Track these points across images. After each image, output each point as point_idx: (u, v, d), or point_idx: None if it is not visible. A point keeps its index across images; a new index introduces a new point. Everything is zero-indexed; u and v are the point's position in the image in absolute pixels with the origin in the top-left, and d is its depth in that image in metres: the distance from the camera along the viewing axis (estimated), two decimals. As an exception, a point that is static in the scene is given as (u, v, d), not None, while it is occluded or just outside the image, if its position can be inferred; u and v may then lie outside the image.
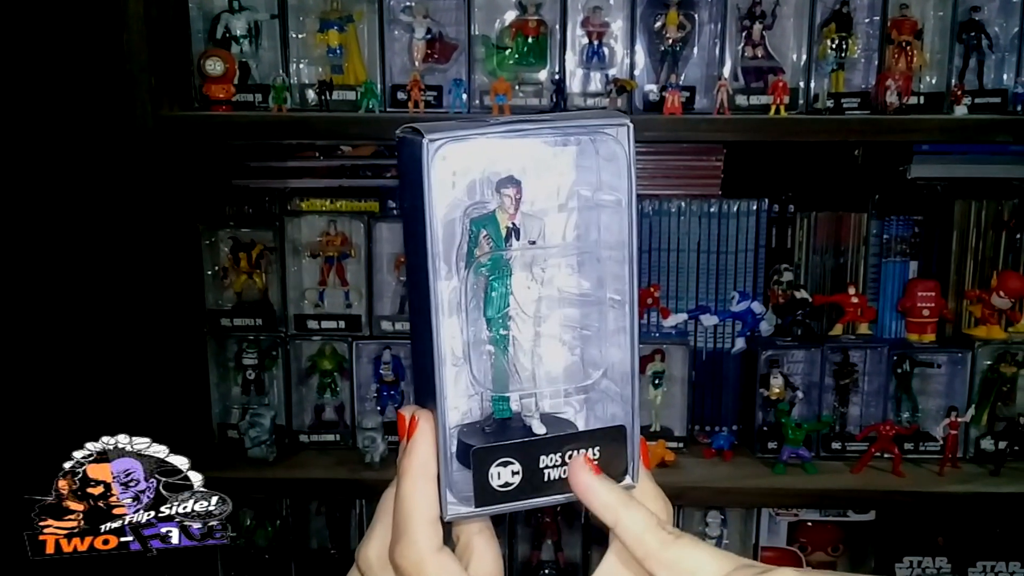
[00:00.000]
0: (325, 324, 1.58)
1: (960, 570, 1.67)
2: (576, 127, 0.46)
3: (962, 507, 1.56)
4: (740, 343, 1.59)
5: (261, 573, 1.69)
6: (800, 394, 1.56)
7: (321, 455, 1.58)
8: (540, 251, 0.48)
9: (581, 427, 0.50)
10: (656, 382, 1.55)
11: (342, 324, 1.57)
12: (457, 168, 0.45)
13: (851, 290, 1.56)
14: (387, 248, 1.58)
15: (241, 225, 1.59)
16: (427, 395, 0.46)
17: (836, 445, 1.55)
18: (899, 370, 1.56)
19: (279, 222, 1.56)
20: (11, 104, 1.55)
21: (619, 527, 0.45)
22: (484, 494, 0.46)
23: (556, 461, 0.46)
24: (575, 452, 0.46)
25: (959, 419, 1.51)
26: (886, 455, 1.51)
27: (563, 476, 0.46)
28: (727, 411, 1.61)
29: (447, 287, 0.46)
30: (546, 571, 1.68)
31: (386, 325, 1.57)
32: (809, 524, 1.67)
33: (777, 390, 1.53)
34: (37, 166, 1.60)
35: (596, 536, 1.64)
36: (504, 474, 0.46)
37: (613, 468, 0.47)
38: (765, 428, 1.55)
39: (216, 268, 1.59)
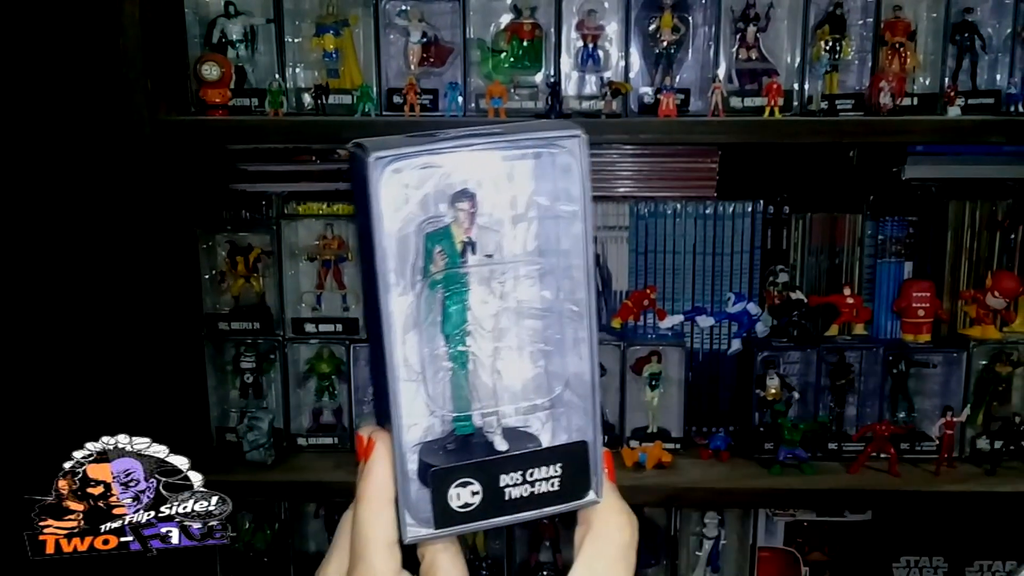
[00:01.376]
0: (323, 327, 1.58)
1: (957, 569, 1.68)
2: (527, 139, 0.45)
3: (958, 506, 1.56)
4: (736, 344, 1.59)
5: (260, 576, 1.69)
6: (796, 395, 1.56)
7: (319, 458, 1.58)
8: (497, 265, 0.47)
9: (547, 441, 0.49)
10: (653, 384, 1.55)
11: (339, 327, 1.58)
12: (410, 182, 0.45)
13: (846, 291, 1.57)
14: (384, 251, 1.58)
15: (238, 229, 1.59)
16: (384, 414, 0.46)
17: (832, 445, 1.56)
18: (895, 370, 1.56)
19: (276, 226, 1.57)
20: (9, 109, 1.55)
21: None
22: (444, 516, 0.45)
23: (517, 479, 0.45)
24: (535, 470, 0.45)
25: (955, 419, 1.52)
26: (882, 455, 1.51)
27: (525, 495, 0.45)
28: (724, 412, 1.62)
29: (403, 303, 0.45)
30: (544, 572, 1.68)
31: (383, 328, 1.57)
32: (806, 524, 1.67)
33: (773, 391, 1.54)
34: (35, 171, 1.60)
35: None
36: (464, 495, 0.45)
37: (576, 484, 0.46)
38: (762, 429, 1.56)
39: (213, 272, 1.59)
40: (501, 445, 0.47)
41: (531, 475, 0.45)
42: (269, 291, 1.59)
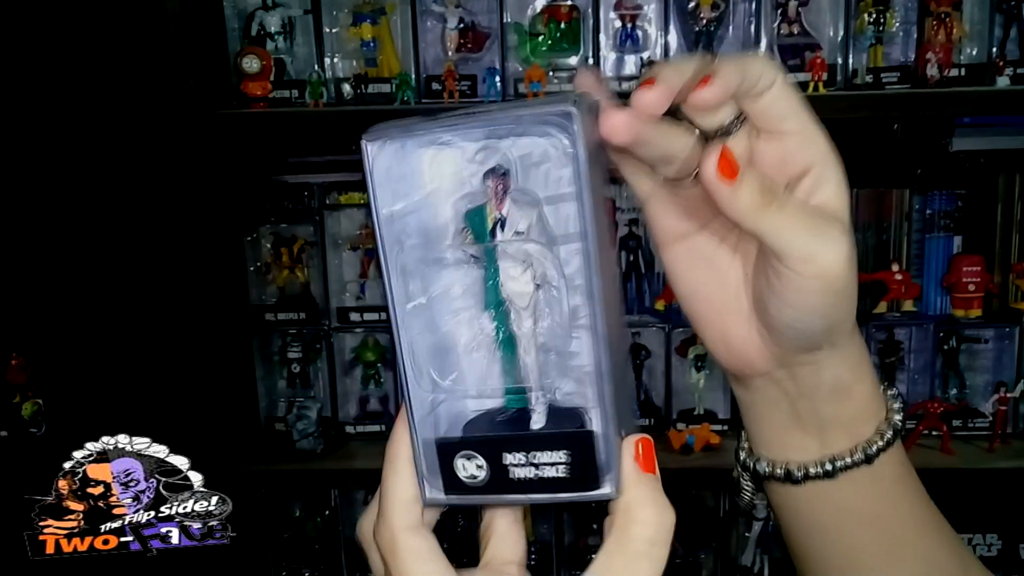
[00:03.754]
0: (367, 316, 1.59)
1: (1011, 546, 1.65)
2: (526, 115, 0.42)
3: (1013, 483, 1.54)
4: (782, 323, 1.57)
5: (311, 564, 1.71)
6: (845, 373, 1.54)
7: (367, 445, 1.59)
8: (531, 243, 0.46)
9: (596, 422, 0.46)
10: (699, 365, 1.54)
11: (384, 316, 1.59)
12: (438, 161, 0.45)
13: (895, 267, 1.54)
14: (426, 239, 1.59)
15: (281, 221, 1.61)
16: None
17: (883, 424, 1.54)
18: (945, 346, 1.54)
19: (319, 216, 1.58)
20: (56, 110, 1.57)
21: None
22: (452, 484, 0.45)
23: (520, 460, 0.44)
24: (539, 454, 0.44)
25: (1008, 394, 1.50)
26: (934, 433, 1.49)
27: (530, 476, 0.44)
28: (771, 392, 1.60)
29: (454, 277, 0.47)
30: (592, 556, 1.68)
31: (427, 315, 1.57)
32: (857, 503, 1.65)
33: (822, 370, 1.52)
34: (82, 170, 1.62)
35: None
36: (469, 467, 0.45)
37: (585, 475, 0.44)
38: (810, 408, 1.54)
39: (258, 264, 1.61)
40: (536, 423, 0.46)
41: (535, 458, 0.44)
42: (314, 281, 1.60)
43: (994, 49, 1.44)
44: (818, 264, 0.44)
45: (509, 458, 0.44)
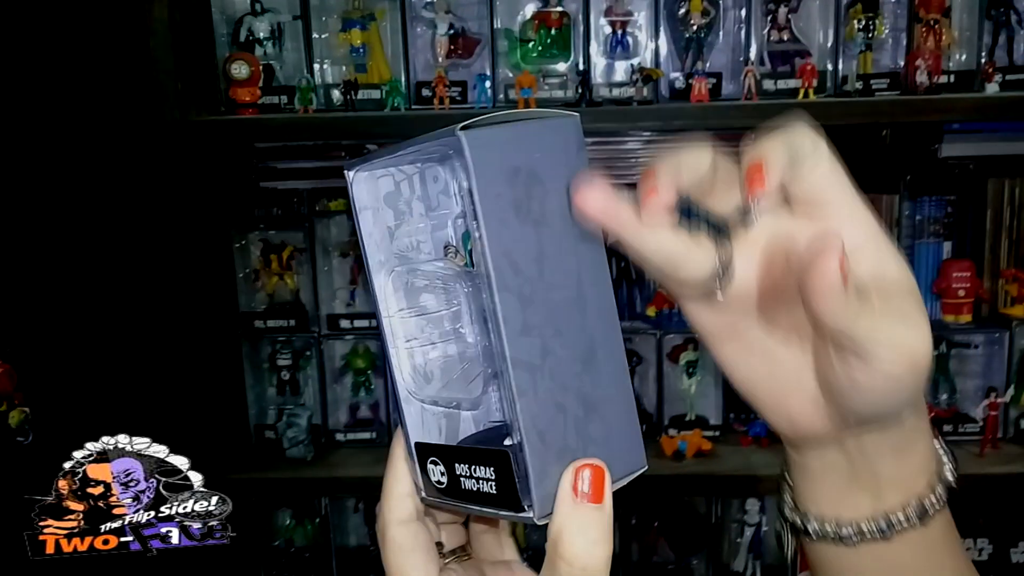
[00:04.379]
0: (357, 323, 1.59)
1: (1002, 551, 1.66)
2: (429, 145, 0.43)
3: (1004, 488, 1.54)
4: (774, 329, 1.57)
5: (301, 572, 1.70)
6: (836, 379, 1.54)
7: (358, 453, 1.58)
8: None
9: (514, 440, 0.43)
10: (690, 371, 1.54)
11: (374, 323, 1.57)
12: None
13: (885, 273, 1.54)
14: (416, 245, 1.58)
15: (271, 227, 1.60)
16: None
17: (874, 429, 1.54)
18: (936, 352, 1.54)
19: (308, 223, 1.57)
20: (41, 114, 1.56)
21: None
22: (427, 486, 0.47)
23: (465, 472, 0.44)
24: (476, 467, 0.44)
25: (999, 400, 1.50)
26: (925, 438, 1.49)
27: (475, 489, 0.44)
28: (762, 398, 1.60)
29: (437, 292, 0.48)
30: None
31: (418, 322, 1.57)
32: (848, 509, 1.65)
33: (813, 376, 1.52)
34: (68, 175, 1.61)
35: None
36: (435, 472, 0.46)
37: (509, 495, 0.42)
38: (801, 414, 1.54)
39: (247, 271, 1.60)
40: (509, 440, 0.45)
41: (474, 471, 0.44)
42: (303, 288, 1.59)
43: (983, 55, 1.45)
44: (910, 352, 0.40)
45: (459, 468, 0.45)
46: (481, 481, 0.43)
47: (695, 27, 1.47)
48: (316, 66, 1.51)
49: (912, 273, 0.42)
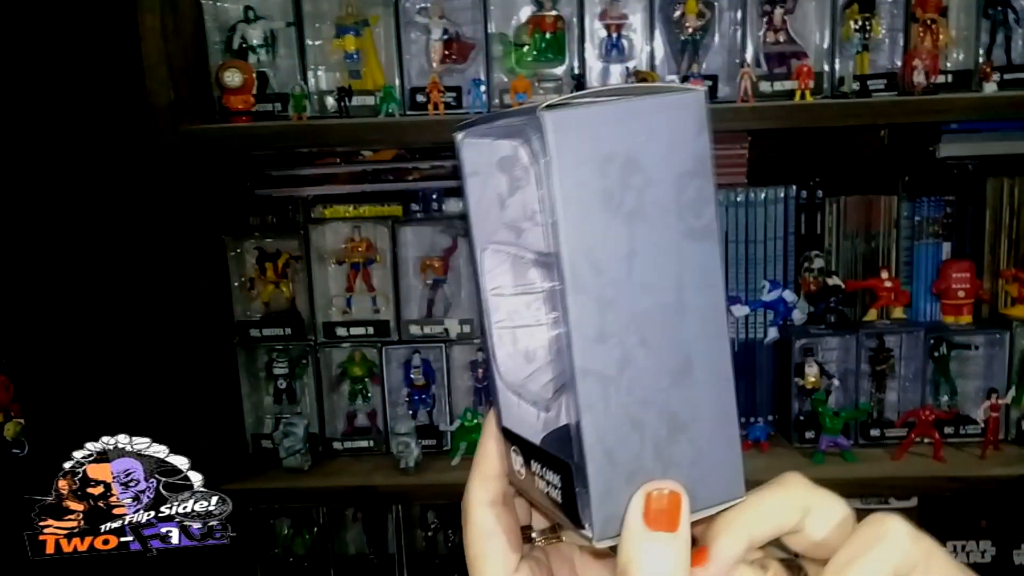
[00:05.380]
0: (354, 330, 1.57)
1: (1005, 553, 1.65)
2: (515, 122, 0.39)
3: (1006, 490, 1.53)
4: (773, 333, 1.56)
5: (301, 581, 1.69)
6: (836, 382, 1.53)
7: (355, 461, 1.57)
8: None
9: (576, 454, 0.41)
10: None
11: (371, 330, 1.57)
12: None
13: (884, 274, 1.54)
14: (412, 252, 1.57)
15: (266, 235, 1.59)
16: None
17: (875, 432, 1.53)
18: (936, 353, 1.53)
19: (303, 230, 1.56)
20: (35, 124, 1.56)
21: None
22: (512, 472, 0.45)
23: (539, 471, 0.42)
24: (547, 470, 0.41)
25: (1000, 401, 1.49)
26: (926, 440, 1.48)
27: (545, 490, 0.41)
28: (762, 402, 1.59)
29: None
30: None
31: (414, 329, 1.56)
32: (850, 512, 1.64)
33: (812, 379, 1.51)
34: (62, 185, 1.60)
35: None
36: (516, 461, 0.44)
37: (571, 507, 0.39)
38: (802, 418, 1.54)
39: (243, 279, 1.59)
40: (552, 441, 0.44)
41: (545, 473, 0.41)
42: (299, 296, 1.58)
43: (981, 55, 1.44)
44: None
45: (534, 465, 0.42)
46: (551, 486, 0.41)
47: (690, 29, 1.46)
48: (310, 73, 1.51)
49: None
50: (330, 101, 1.49)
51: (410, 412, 1.58)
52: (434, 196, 1.58)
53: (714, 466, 0.40)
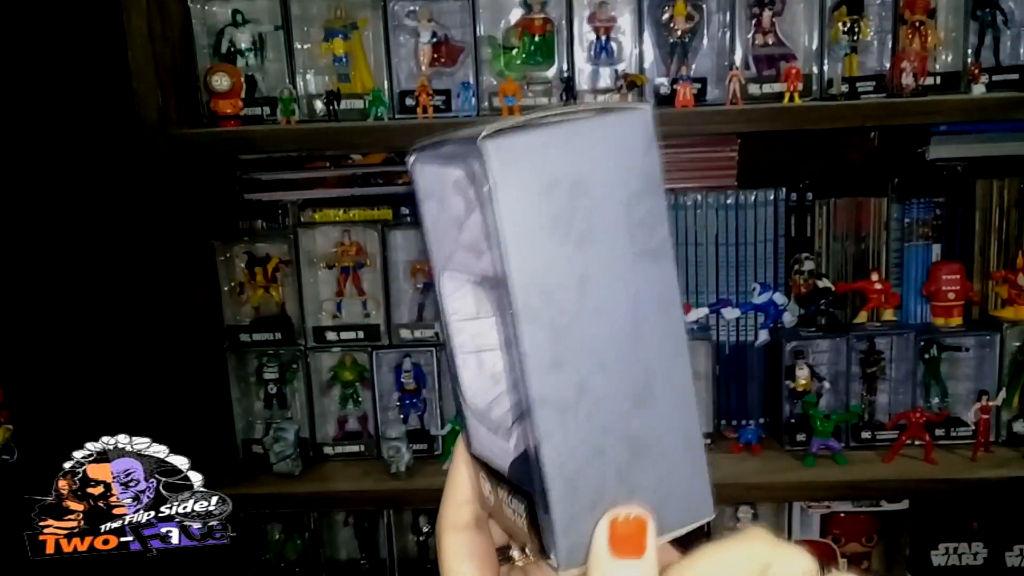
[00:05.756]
0: (344, 335, 1.57)
1: (996, 555, 1.65)
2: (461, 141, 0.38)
3: (997, 492, 1.53)
4: (763, 335, 1.56)
5: (292, 587, 1.68)
6: (827, 384, 1.53)
7: (346, 466, 1.57)
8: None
9: (536, 482, 0.39)
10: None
11: (361, 334, 1.56)
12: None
13: (874, 276, 1.54)
14: (402, 255, 1.57)
15: (255, 239, 1.58)
16: None
17: (866, 434, 1.53)
18: (927, 355, 1.53)
19: (293, 234, 1.56)
20: (21, 128, 1.55)
21: None
22: (483, 497, 0.45)
23: (506, 497, 0.41)
24: (511, 497, 0.41)
25: (990, 403, 1.49)
26: (917, 443, 1.48)
27: (512, 515, 0.41)
28: (753, 405, 1.59)
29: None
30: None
31: (405, 333, 1.56)
32: (842, 515, 1.65)
33: (803, 381, 1.51)
34: (49, 190, 1.60)
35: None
36: (486, 487, 0.43)
37: (537, 534, 0.38)
38: (793, 420, 1.53)
39: (232, 284, 1.58)
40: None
41: (511, 500, 0.40)
42: (289, 300, 1.58)
43: (969, 56, 1.44)
44: None
45: (500, 492, 0.42)
46: (516, 514, 0.40)
47: (679, 32, 1.46)
48: (298, 77, 1.50)
49: None
50: (319, 105, 1.49)
51: (401, 416, 1.58)
52: (424, 200, 1.58)
53: (680, 486, 0.40)
